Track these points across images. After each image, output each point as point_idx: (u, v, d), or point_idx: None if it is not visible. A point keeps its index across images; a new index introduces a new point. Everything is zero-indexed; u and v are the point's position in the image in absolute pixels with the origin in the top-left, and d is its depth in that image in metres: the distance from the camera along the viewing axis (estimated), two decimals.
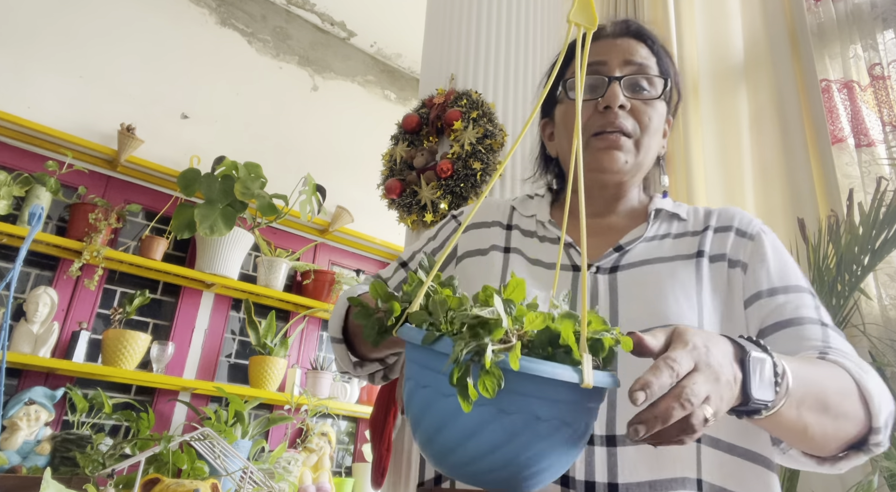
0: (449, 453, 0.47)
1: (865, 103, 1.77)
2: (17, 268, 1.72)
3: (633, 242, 0.81)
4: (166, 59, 2.87)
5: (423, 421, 0.48)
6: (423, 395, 0.48)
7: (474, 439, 0.45)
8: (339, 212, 3.07)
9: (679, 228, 0.83)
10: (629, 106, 0.82)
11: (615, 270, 0.78)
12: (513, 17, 1.86)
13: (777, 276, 0.76)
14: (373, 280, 0.90)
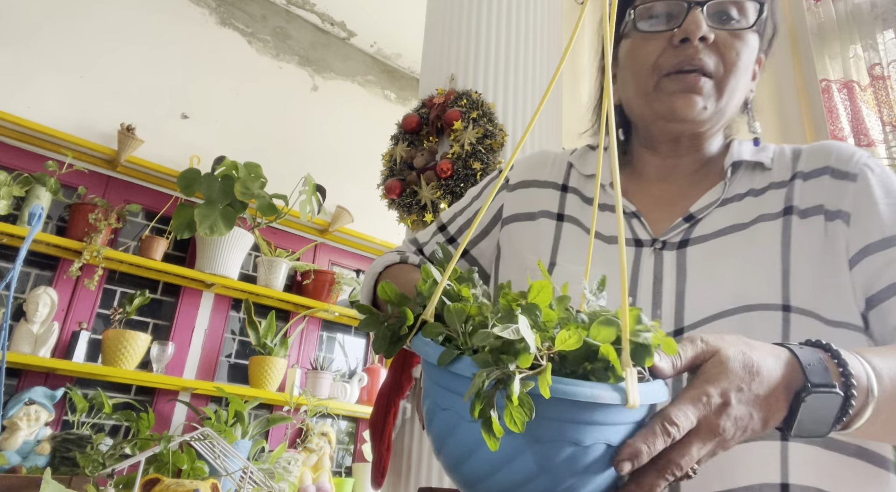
0: (478, 482, 0.41)
1: (865, 103, 1.77)
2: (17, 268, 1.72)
3: (707, 208, 0.67)
4: (166, 59, 2.87)
5: (447, 447, 0.43)
6: (444, 418, 0.43)
7: (505, 469, 0.40)
8: (339, 212, 3.07)
9: (763, 181, 0.69)
10: (712, 38, 0.66)
11: (685, 245, 0.65)
12: (513, 17, 1.86)
13: (892, 222, 0.60)
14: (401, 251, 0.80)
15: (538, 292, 0.42)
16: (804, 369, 0.44)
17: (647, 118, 0.71)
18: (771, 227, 0.64)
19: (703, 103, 0.67)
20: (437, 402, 0.43)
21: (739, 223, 0.65)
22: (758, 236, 0.63)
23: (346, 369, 3.09)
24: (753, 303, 0.59)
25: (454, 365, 0.40)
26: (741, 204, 0.67)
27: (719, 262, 0.63)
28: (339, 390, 2.81)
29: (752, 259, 0.62)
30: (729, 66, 0.66)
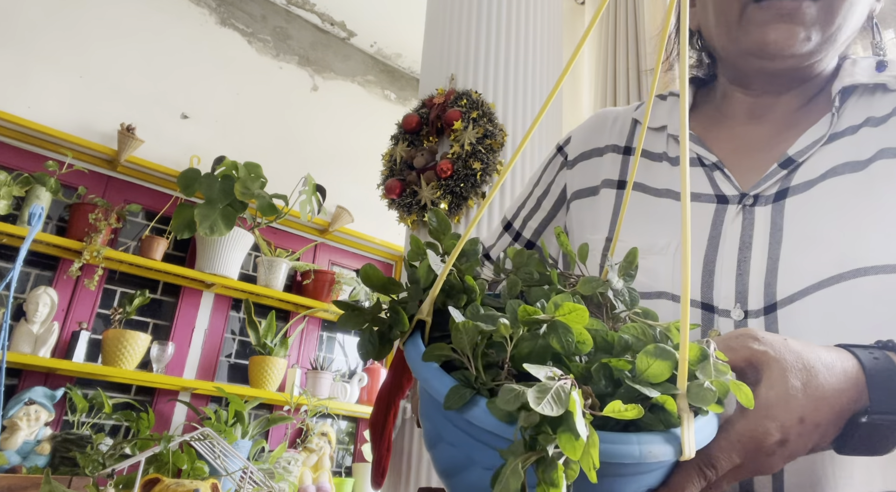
0: None
1: None
2: (17, 268, 1.72)
3: (811, 148, 0.53)
4: (166, 59, 2.87)
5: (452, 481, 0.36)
6: (451, 454, 0.35)
7: None
8: (339, 212, 3.07)
9: (887, 106, 0.53)
10: None
11: (782, 197, 0.52)
12: (513, 17, 1.87)
13: None
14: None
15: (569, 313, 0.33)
16: (868, 387, 0.37)
17: (733, 53, 0.58)
18: (890, 164, 0.50)
19: (805, 33, 0.52)
20: (442, 434, 0.36)
21: (853, 161, 0.51)
22: (877, 177, 0.49)
23: (346, 369, 3.09)
24: (866, 265, 0.46)
25: (469, 412, 0.32)
26: (856, 137, 0.53)
27: (826, 215, 0.49)
28: (339, 390, 2.81)
29: (869, 208, 0.48)
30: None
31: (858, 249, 0.47)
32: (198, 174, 2.53)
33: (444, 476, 0.37)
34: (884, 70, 0.57)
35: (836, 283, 0.47)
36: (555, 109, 1.90)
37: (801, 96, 0.59)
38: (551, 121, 1.85)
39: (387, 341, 0.39)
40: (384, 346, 0.39)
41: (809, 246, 0.49)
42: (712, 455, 0.34)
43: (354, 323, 0.39)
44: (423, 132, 1.85)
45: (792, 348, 0.37)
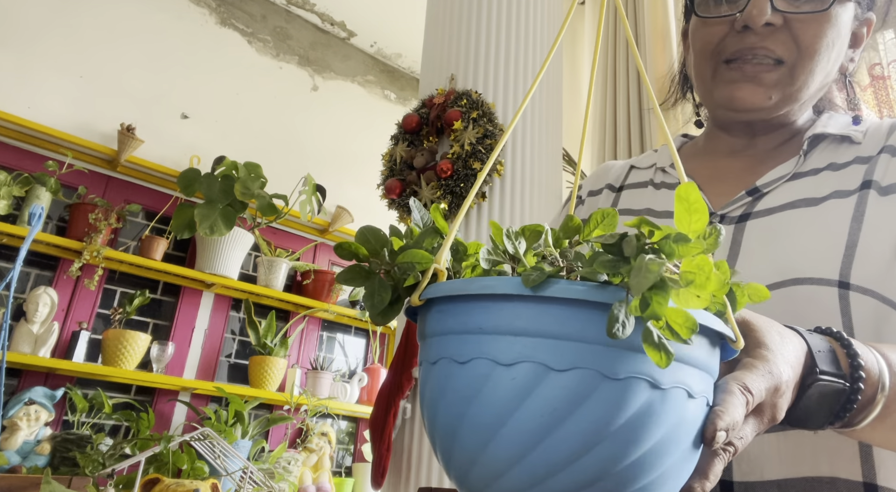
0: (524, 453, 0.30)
1: (866, 103, 1.77)
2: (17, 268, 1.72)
3: (775, 182, 0.61)
4: (167, 59, 2.87)
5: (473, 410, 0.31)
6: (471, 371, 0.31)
7: (557, 431, 0.29)
8: (339, 212, 3.07)
9: (848, 155, 0.61)
10: (780, 23, 0.58)
11: (745, 219, 0.60)
12: (513, 17, 1.86)
13: None
14: None
15: (602, 220, 0.33)
16: (814, 356, 0.41)
17: (709, 105, 0.67)
18: (844, 202, 0.57)
19: (766, 93, 0.60)
20: (456, 357, 0.32)
21: (810, 198, 0.59)
22: (827, 212, 0.57)
23: (346, 369, 3.09)
24: (804, 276, 0.53)
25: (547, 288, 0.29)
26: (816, 178, 0.60)
27: (778, 237, 0.57)
28: (339, 390, 2.81)
29: (815, 234, 0.56)
30: (805, 49, 0.59)
31: (799, 264, 0.54)
32: (198, 174, 2.53)
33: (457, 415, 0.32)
34: (858, 123, 0.64)
35: (776, 288, 0.54)
36: (555, 110, 1.90)
37: (775, 139, 0.67)
38: (552, 121, 1.85)
39: (397, 298, 0.35)
40: (395, 303, 0.35)
41: (759, 259, 0.57)
42: (745, 380, 0.35)
43: (361, 278, 0.35)
44: (423, 132, 1.85)
45: (760, 316, 0.41)
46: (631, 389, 0.29)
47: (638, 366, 0.29)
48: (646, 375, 0.29)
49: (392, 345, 3.18)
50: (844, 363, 0.41)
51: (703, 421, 0.32)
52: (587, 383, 0.29)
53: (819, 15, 0.58)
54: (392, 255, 0.35)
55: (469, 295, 0.32)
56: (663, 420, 0.30)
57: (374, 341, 3.15)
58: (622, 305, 0.28)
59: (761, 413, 0.37)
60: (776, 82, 0.60)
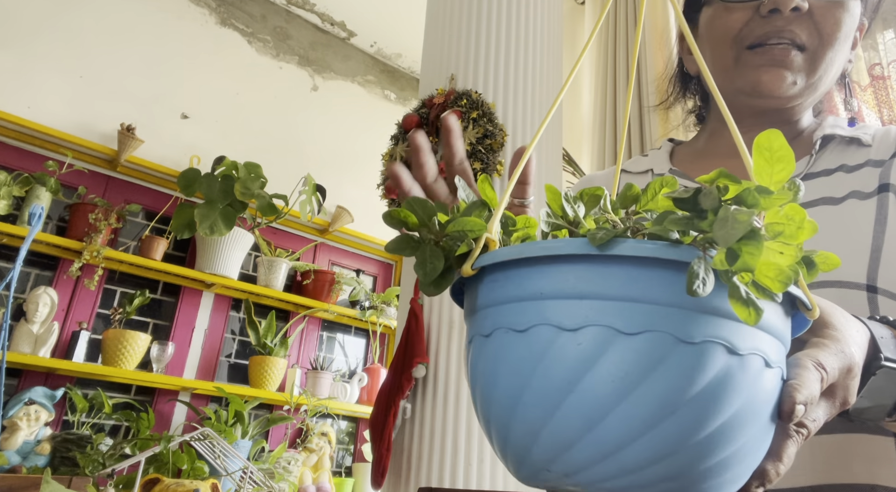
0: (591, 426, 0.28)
1: (865, 103, 1.77)
2: (17, 268, 1.72)
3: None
4: (166, 59, 2.87)
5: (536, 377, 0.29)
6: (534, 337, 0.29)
7: (625, 403, 0.27)
8: (339, 212, 3.07)
9: (859, 158, 0.62)
10: (806, 7, 0.60)
11: None
12: (513, 17, 1.86)
13: None
14: None
15: (661, 187, 0.32)
16: (876, 342, 0.39)
17: (728, 93, 0.66)
18: (864, 205, 0.57)
19: (792, 78, 0.61)
20: (515, 326, 0.30)
21: (830, 197, 0.59)
22: (849, 213, 0.57)
23: (346, 369, 3.09)
24: (832, 279, 0.53)
25: (617, 247, 0.28)
26: (831, 178, 0.61)
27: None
28: (339, 390, 2.81)
29: (838, 235, 0.56)
30: (826, 37, 0.60)
31: None
32: (198, 174, 2.53)
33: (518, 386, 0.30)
34: (854, 125, 0.65)
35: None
36: (555, 110, 1.90)
37: (788, 135, 0.66)
38: (552, 121, 1.85)
39: (448, 268, 0.33)
40: (446, 274, 0.33)
41: None
42: (818, 356, 0.34)
43: (411, 247, 0.34)
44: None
45: (827, 301, 0.39)
46: (707, 353, 0.27)
47: (714, 330, 0.28)
48: (723, 339, 0.28)
49: (392, 345, 3.18)
50: None
51: (778, 395, 0.30)
52: (660, 347, 0.27)
53: (839, 5, 0.60)
54: (442, 226, 0.33)
55: (528, 259, 0.30)
56: (741, 389, 0.28)
57: (374, 341, 3.15)
58: (701, 261, 0.26)
59: (833, 395, 0.35)
60: (801, 68, 0.61)
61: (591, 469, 0.28)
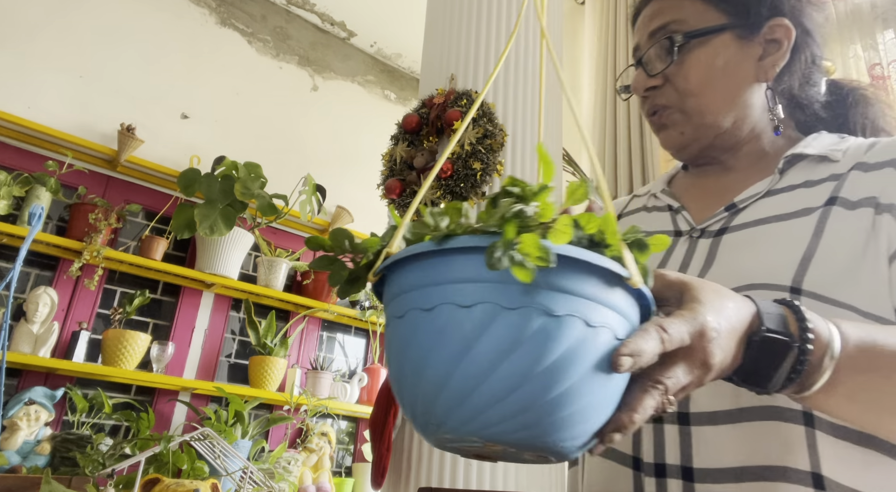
0: (475, 387, 0.35)
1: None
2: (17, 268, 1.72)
3: (751, 198, 0.67)
4: (166, 59, 2.87)
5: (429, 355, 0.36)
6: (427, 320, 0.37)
7: (499, 368, 0.34)
8: (339, 212, 3.07)
9: (824, 173, 0.65)
10: (661, 82, 0.69)
11: (722, 233, 0.66)
12: (513, 17, 1.87)
13: None
14: None
15: (574, 191, 0.39)
16: (761, 315, 0.44)
17: None
18: (809, 218, 0.61)
19: (677, 131, 0.71)
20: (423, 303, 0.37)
21: (782, 214, 0.63)
22: (796, 227, 0.61)
23: (346, 369, 3.09)
24: (756, 282, 0.58)
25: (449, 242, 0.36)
26: (790, 195, 0.65)
27: (746, 249, 0.62)
28: (339, 390, 2.81)
29: (776, 247, 0.61)
30: (683, 92, 0.69)
31: (756, 272, 0.59)
32: (198, 174, 2.53)
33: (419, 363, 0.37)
34: (779, 134, 0.71)
35: None
36: (555, 110, 1.89)
37: (745, 160, 0.72)
38: (552, 121, 1.85)
39: (357, 277, 0.43)
40: (355, 281, 0.43)
41: (726, 269, 0.62)
42: (663, 322, 0.39)
43: (327, 263, 0.43)
44: (423, 132, 1.85)
45: (703, 281, 0.45)
46: (527, 316, 0.34)
47: (531, 298, 0.34)
48: (539, 304, 0.34)
49: None
50: (794, 327, 0.44)
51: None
52: (490, 314, 0.35)
53: (683, 62, 0.68)
54: (351, 246, 0.43)
55: (401, 260, 0.39)
56: (560, 343, 0.34)
57: (374, 341, 3.15)
58: (497, 244, 0.34)
59: (690, 356, 0.40)
60: (680, 121, 0.70)
61: (480, 418, 0.35)
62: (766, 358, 0.43)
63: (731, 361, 0.43)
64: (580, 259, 0.35)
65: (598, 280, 0.36)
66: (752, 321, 0.44)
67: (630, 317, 0.38)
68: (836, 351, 0.44)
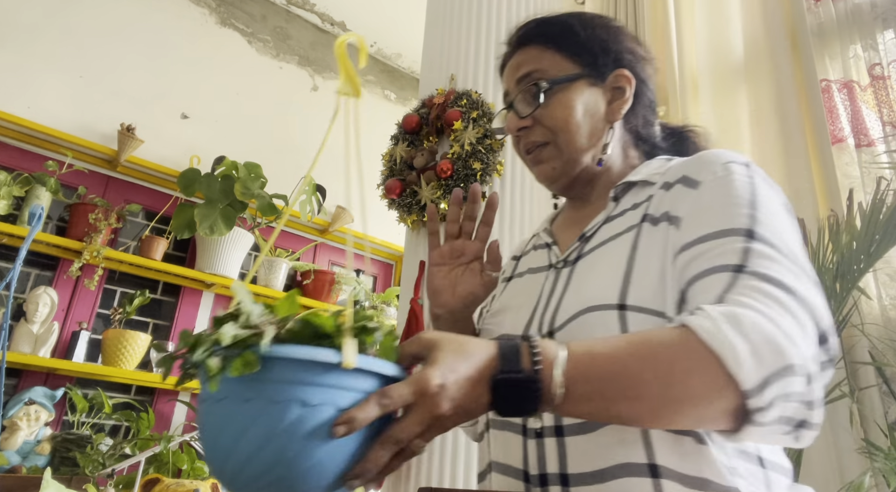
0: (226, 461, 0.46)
1: (865, 103, 1.77)
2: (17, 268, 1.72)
3: (595, 227, 0.76)
4: (166, 59, 2.87)
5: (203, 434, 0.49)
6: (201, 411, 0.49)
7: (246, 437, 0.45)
8: (339, 212, 3.07)
9: (645, 195, 0.74)
10: (531, 122, 0.79)
11: (577, 260, 0.74)
12: (513, 17, 1.86)
13: (709, 220, 0.62)
14: None
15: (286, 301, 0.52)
16: (499, 359, 0.52)
17: None
18: (629, 235, 0.70)
19: (549, 167, 0.79)
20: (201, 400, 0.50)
21: (613, 235, 0.73)
22: (619, 246, 0.70)
23: None
24: (593, 304, 0.66)
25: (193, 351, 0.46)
26: (622, 218, 0.74)
27: (590, 272, 0.71)
28: None
29: (605, 267, 0.69)
30: (557, 130, 0.78)
31: (592, 295, 0.67)
32: (198, 174, 2.53)
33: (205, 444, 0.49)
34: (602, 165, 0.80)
35: (577, 317, 0.67)
36: None
37: (597, 191, 0.82)
38: None
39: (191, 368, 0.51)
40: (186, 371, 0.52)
41: (574, 295, 0.70)
42: (387, 388, 0.48)
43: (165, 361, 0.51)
44: (423, 132, 1.85)
45: (450, 336, 0.53)
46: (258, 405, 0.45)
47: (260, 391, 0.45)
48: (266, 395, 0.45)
49: None
50: (527, 360, 0.52)
51: None
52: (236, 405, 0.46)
53: (548, 104, 0.77)
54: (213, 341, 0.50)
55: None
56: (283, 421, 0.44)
57: None
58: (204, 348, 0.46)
59: (418, 411, 0.48)
60: (551, 156, 0.79)
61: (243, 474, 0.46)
62: (510, 393, 0.51)
63: (474, 404, 0.51)
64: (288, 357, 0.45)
65: (313, 368, 0.45)
66: (492, 366, 0.52)
67: (357, 388, 0.47)
68: (559, 370, 0.52)
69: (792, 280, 0.55)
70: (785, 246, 0.58)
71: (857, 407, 1.38)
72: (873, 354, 1.40)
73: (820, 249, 1.42)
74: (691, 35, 2.17)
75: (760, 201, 0.62)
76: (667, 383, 0.51)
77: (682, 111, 2.07)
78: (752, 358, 0.49)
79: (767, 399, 0.49)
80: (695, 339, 0.51)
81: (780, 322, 0.51)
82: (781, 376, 0.49)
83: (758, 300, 0.53)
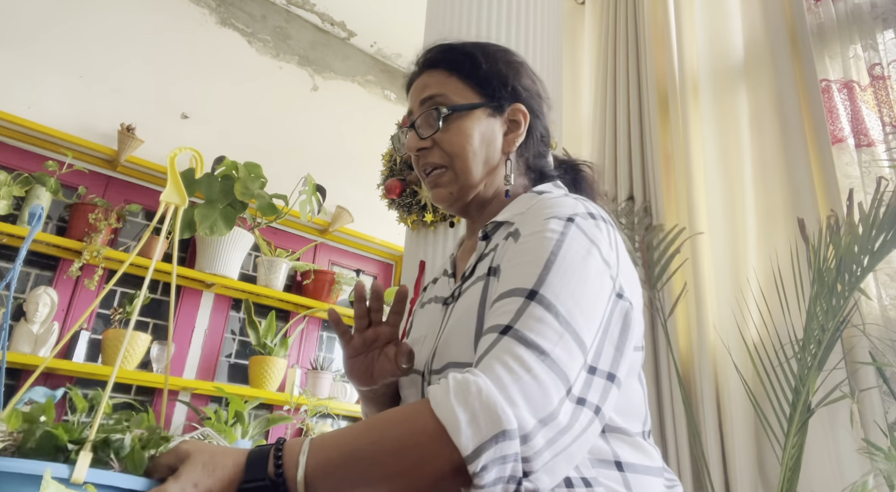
0: None
1: (865, 103, 1.77)
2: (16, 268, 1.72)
3: (470, 267, 0.77)
4: (166, 59, 2.87)
5: None
6: None
7: None
8: (339, 212, 3.07)
9: (503, 235, 0.75)
10: (430, 143, 0.80)
11: (457, 298, 0.76)
12: (513, 17, 1.86)
13: (508, 278, 0.65)
14: None
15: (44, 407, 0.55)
16: (246, 467, 0.55)
17: None
18: (479, 287, 0.72)
19: (446, 190, 0.81)
20: None
21: (476, 279, 0.74)
22: (473, 295, 0.72)
23: None
24: (455, 361, 0.69)
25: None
26: (488, 258, 0.74)
27: (456, 321, 0.72)
28: (339, 390, 2.81)
29: (465, 317, 0.70)
30: (450, 154, 0.80)
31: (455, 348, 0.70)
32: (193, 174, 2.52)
33: None
34: (508, 196, 0.82)
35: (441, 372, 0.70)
36: (555, 112, 1.89)
37: (489, 218, 0.83)
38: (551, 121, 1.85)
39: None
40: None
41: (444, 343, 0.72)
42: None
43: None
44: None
45: (204, 445, 0.57)
46: None
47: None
48: None
49: None
50: (272, 464, 0.55)
51: None
52: None
53: (447, 129, 0.79)
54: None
55: None
56: None
57: None
58: None
59: None
60: (450, 180, 0.81)
61: None
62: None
63: None
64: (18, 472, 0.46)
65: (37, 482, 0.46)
66: (239, 477, 0.55)
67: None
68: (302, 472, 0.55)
69: (549, 344, 0.57)
70: (563, 307, 0.60)
71: (858, 407, 1.38)
72: (873, 355, 1.40)
73: (820, 249, 1.42)
74: (691, 35, 2.17)
75: (557, 261, 0.63)
76: (398, 459, 0.54)
77: (682, 111, 2.07)
78: (469, 427, 0.52)
79: (482, 463, 0.52)
80: (428, 409, 0.55)
81: (509, 388, 0.54)
82: (496, 441, 0.52)
83: (503, 364, 0.56)
